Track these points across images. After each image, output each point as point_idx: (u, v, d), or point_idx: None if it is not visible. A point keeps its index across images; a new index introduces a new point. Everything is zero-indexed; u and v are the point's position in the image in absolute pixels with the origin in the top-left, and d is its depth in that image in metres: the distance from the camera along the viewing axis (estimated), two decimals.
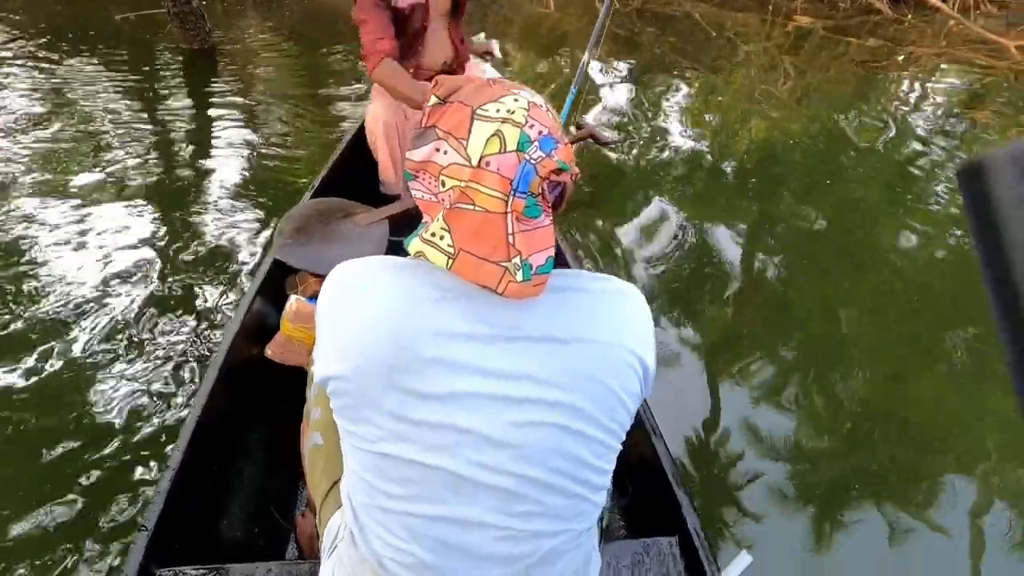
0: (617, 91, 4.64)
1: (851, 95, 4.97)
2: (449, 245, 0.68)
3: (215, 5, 5.83)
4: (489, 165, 0.66)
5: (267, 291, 1.74)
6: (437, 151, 0.70)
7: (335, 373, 0.72)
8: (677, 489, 1.24)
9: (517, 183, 0.66)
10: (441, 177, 0.70)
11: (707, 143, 3.98)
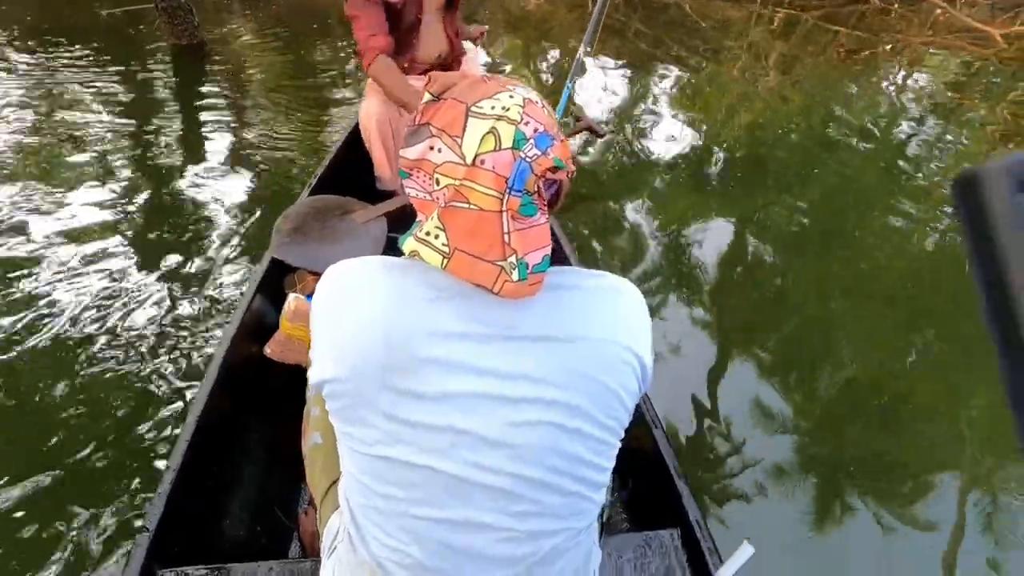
0: (608, 82, 4.63)
1: (840, 84, 4.97)
2: (444, 244, 0.67)
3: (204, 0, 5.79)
4: (484, 163, 0.65)
5: (266, 290, 1.73)
6: (431, 149, 0.69)
7: (330, 376, 0.72)
8: (678, 481, 1.24)
9: (512, 181, 0.65)
10: (435, 175, 0.69)
11: (698, 133, 3.98)
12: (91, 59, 4.33)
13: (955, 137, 4.21)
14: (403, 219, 1.82)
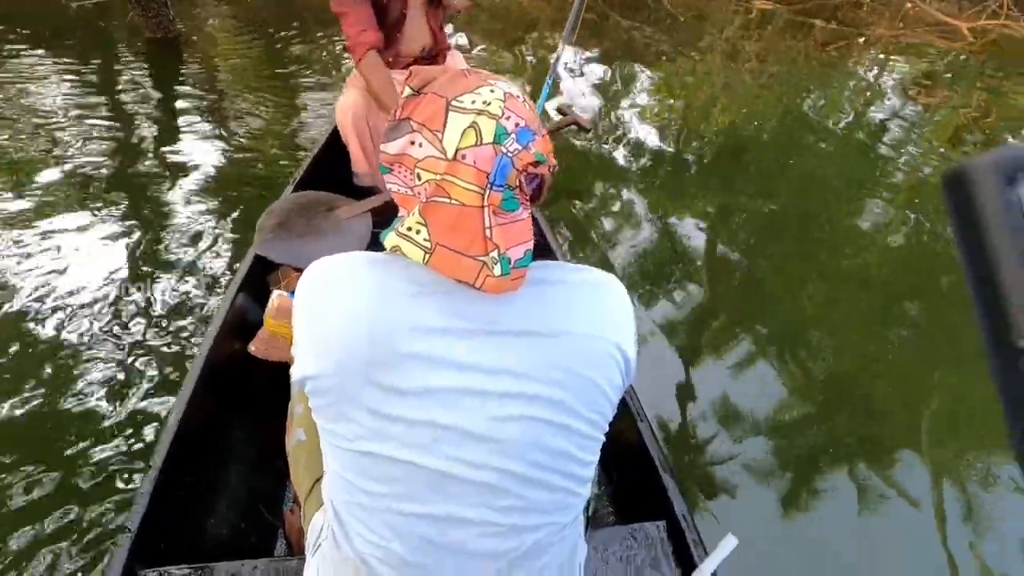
0: (586, 76, 4.63)
1: (815, 75, 5.04)
2: (425, 239, 0.67)
3: None
4: (465, 158, 0.65)
5: (249, 287, 1.72)
6: (412, 144, 0.68)
7: (312, 372, 0.71)
8: (663, 473, 1.25)
9: (494, 176, 0.65)
10: (416, 170, 0.68)
11: (675, 127, 4.02)
12: (59, 53, 4.20)
13: (924, 127, 4.30)
14: (388, 215, 1.81)
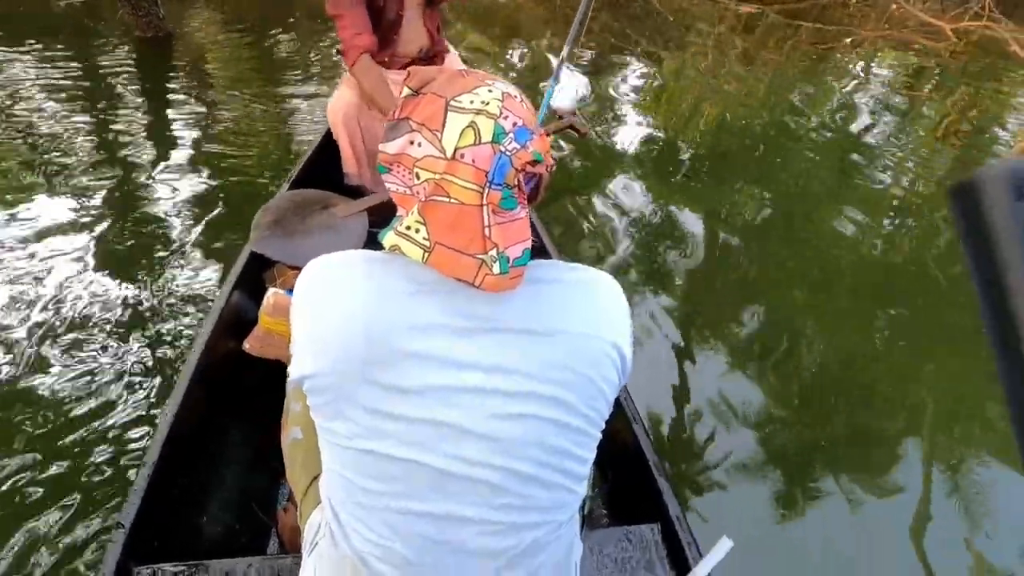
0: (576, 79, 4.64)
1: (801, 76, 5.10)
2: (424, 238, 0.68)
3: None
4: (464, 157, 0.66)
5: (245, 284, 1.71)
6: (411, 143, 0.69)
7: (310, 371, 0.71)
8: (658, 475, 1.25)
9: (492, 175, 0.66)
10: (415, 170, 0.69)
11: (665, 127, 4.05)
12: (48, 52, 4.15)
13: (909, 127, 4.37)
14: (384, 215, 1.81)
